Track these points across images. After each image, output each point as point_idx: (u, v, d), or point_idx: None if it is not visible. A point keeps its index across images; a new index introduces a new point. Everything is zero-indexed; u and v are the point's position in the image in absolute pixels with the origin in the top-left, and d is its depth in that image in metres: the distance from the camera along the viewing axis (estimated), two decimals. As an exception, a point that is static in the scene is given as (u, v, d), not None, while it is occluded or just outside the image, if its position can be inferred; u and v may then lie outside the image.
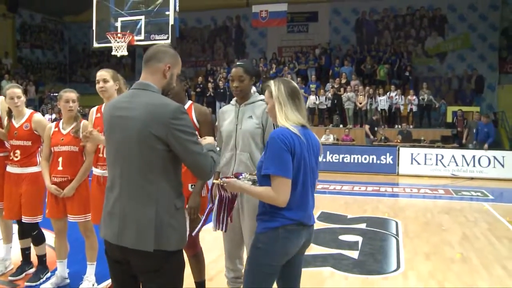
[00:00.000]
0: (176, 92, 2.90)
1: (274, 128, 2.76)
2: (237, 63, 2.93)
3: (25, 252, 3.85)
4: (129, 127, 1.95)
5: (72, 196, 3.45)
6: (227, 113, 2.97)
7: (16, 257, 4.01)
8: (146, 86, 2.02)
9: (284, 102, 2.21)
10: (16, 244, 3.94)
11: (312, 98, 14.97)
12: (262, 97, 2.94)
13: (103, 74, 3.29)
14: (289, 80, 2.33)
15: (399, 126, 14.24)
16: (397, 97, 14.50)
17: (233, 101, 3.00)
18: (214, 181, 2.43)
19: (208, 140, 2.20)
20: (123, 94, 2.16)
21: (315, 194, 2.30)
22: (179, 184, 2.04)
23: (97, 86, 3.26)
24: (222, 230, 2.59)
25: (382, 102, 14.51)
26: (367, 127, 13.57)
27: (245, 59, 17.85)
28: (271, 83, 2.30)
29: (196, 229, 2.73)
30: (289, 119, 2.20)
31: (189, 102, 3.07)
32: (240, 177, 2.35)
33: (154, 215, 1.93)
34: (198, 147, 1.99)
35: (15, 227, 3.90)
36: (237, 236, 2.94)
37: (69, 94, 3.49)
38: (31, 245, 3.83)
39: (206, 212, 2.65)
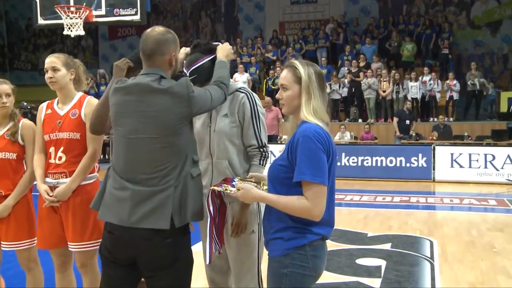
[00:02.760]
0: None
1: (255, 125, 2.82)
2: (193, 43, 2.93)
3: None
4: (149, 108, 2.36)
5: (8, 216, 3.38)
6: None
7: None
8: (156, 71, 2.45)
9: (314, 94, 2.27)
10: None
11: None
12: (238, 85, 2.95)
13: (52, 60, 3.27)
14: (315, 64, 2.37)
15: (435, 119, 14.22)
16: (431, 82, 14.46)
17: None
18: (214, 187, 2.47)
19: (221, 50, 2.75)
20: (133, 78, 2.50)
21: None
22: (194, 151, 2.50)
23: (46, 76, 3.26)
24: (217, 251, 2.72)
25: (414, 89, 14.45)
26: (395, 120, 13.53)
27: (251, 41, 17.72)
28: (298, 64, 2.32)
29: (207, 255, 2.72)
30: (317, 113, 2.25)
31: None
32: (233, 182, 2.39)
33: (172, 191, 2.33)
34: (213, 89, 2.55)
35: None
36: (222, 260, 2.94)
37: (1, 87, 3.42)
38: None
39: (208, 229, 2.65)
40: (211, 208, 2.55)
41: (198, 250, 2.87)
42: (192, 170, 2.44)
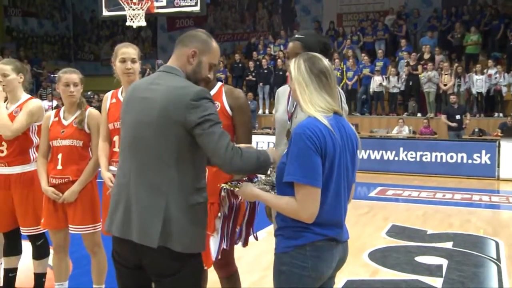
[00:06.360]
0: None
1: None
2: (296, 35, 2.92)
3: (9, 275, 3.88)
4: (147, 109, 2.22)
5: (75, 201, 3.50)
6: (284, 97, 3.00)
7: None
8: (171, 69, 2.33)
9: (306, 83, 2.16)
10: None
11: (377, 78, 14.64)
12: None
13: (131, 52, 3.36)
14: (319, 58, 2.24)
15: (500, 115, 13.63)
16: (497, 75, 13.83)
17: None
18: (223, 184, 2.44)
19: (272, 152, 2.38)
20: (148, 76, 2.45)
21: (385, 203, 2.22)
22: (196, 177, 2.25)
23: (122, 66, 3.33)
24: (226, 247, 2.70)
25: (479, 82, 13.82)
26: (444, 117, 13.02)
27: (309, 30, 17.63)
28: (291, 61, 2.26)
29: (214, 251, 2.74)
30: (315, 104, 2.15)
31: (219, 83, 3.08)
32: (255, 180, 2.36)
33: (163, 208, 2.15)
34: (218, 130, 2.16)
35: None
36: None
37: (70, 76, 3.53)
38: (18, 264, 3.89)
39: (221, 225, 2.68)
40: (225, 205, 2.56)
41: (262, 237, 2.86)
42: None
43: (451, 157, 11.54)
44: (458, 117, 12.76)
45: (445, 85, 14.03)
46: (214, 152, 2.15)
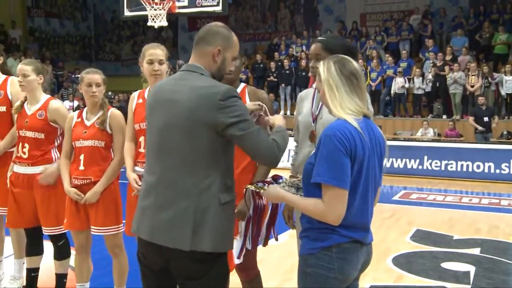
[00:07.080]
0: (230, 80, 2.96)
1: None
2: (318, 37, 2.97)
3: (31, 274, 3.95)
4: (174, 111, 2.20)
5: (97, 202, 3.52)
6: (307, 99, 3.05)
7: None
8: (195, 69, 2.29)
9: (337, 85, 2.18)
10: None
11: (399, 80, 14.49)
12: None
13: (158, 53, 3.38)
14: (349, 59, 2.25)
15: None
16: (527, 76, 13.59)
17: (315, 84, 3.03)
18: (248, 186, 2.47)
19: (277, 119, 2.43)
20: (171, 76, 2.43)
21: (409, 206, 2.21)
22: (227, 175, 2.26)
23: (149, 67, 3.35)
24: (250, 248, 2.72)
25: (509, 83, 13.57)
26: (471, 119, 12.82)
27: (330, 33, 17.56)
28: (320, 63, 2.27)
29: (236, 252, 2.76)
30: (345, 107, 2.16)
31: (242, 84, 3.10)
32: (280, 180, 2.38)
33: (193, 210, 2.16)
34: (254, 127, 2.20)
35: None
36: None
37: (92, 76, 3.57)
38: (40, 264, 3.96)
39: (244, 226, 2.71)
40: (250, 206, 2.58)
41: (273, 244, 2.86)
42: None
43: (478, 167, 11.24)
44: (486, 119, 12.57)
45: (472, 86, 13.83)
46: (256, 151, 2.20)
